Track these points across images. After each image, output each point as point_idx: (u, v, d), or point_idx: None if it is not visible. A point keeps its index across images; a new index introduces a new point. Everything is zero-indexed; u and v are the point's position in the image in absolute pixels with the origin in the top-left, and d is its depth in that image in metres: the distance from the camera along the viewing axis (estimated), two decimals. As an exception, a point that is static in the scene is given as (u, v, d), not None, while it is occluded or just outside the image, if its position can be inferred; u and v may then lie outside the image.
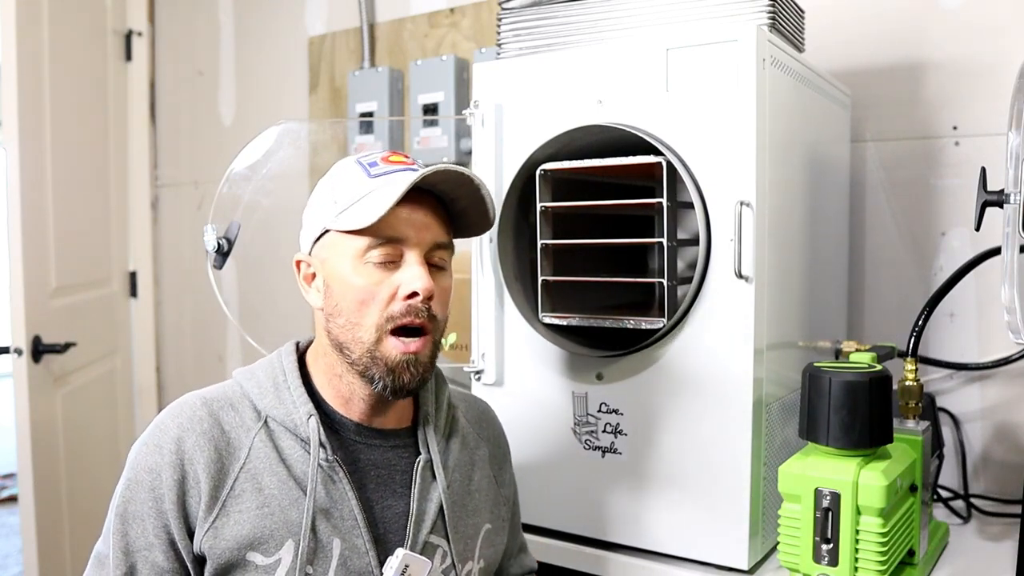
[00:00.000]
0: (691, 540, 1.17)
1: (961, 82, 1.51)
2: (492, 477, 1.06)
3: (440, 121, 2.03)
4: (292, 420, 0.91)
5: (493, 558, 1.04)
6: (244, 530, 0.85)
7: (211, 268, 1.42)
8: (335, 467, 0.90)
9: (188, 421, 0.88)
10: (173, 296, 2.79)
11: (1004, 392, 1.48)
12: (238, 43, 2.57)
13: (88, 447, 2.40)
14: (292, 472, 0.89)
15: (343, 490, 0.90)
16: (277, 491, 0.87)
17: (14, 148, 2.06)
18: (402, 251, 0.89)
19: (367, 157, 0.93)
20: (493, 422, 1.12)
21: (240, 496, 0.87)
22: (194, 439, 0.87)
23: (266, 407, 0.92)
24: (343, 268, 0.89)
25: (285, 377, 0.94)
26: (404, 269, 0.89)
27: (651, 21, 1.21)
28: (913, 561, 1.11)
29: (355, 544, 0.89)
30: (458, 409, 1.06)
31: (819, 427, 1.01)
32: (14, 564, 3.64)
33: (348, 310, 0.89)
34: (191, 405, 0.91)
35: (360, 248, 0.88)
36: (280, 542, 0.86)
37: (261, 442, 0.89)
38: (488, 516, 1.03)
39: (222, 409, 0.91)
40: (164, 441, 0.87)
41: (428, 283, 0.88)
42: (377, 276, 0.88)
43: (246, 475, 0.87)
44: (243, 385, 0.94)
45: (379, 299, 0.88)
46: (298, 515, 0.87)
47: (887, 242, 1.58)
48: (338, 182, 0.92)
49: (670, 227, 1.16)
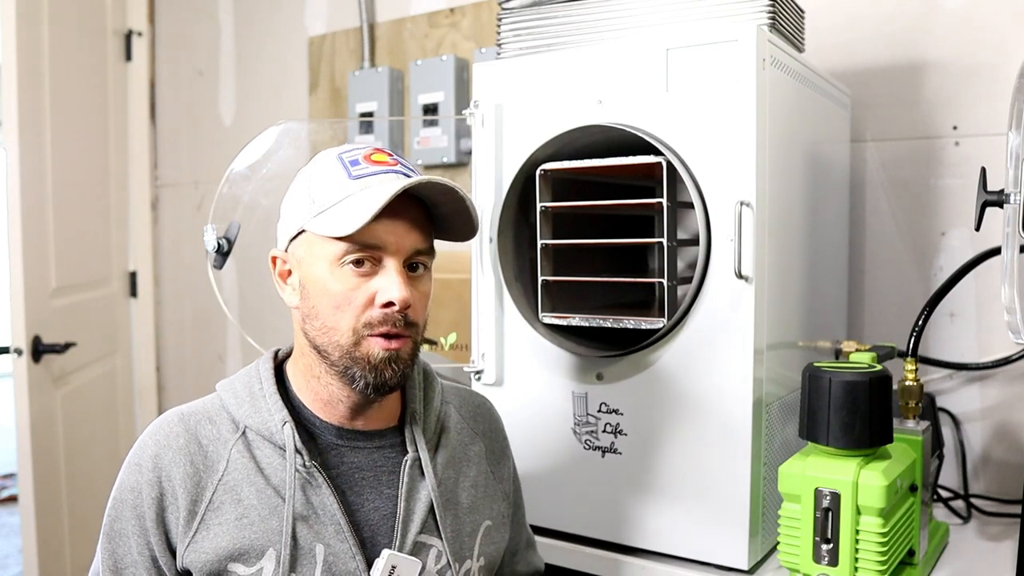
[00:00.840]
0: (691, 540, 1.17)
1: (961, 82, 1.51)
2: (489, 472, 1.05)
3: (440, 121, 2.03)
4: (268, 428, 0.90)
5: (495, 555, 1.03)
6: (223, 542, 0.85)
7: (211, 268, 1.42)
8: (313, 472, 0.89)
9: (165, 438, 0.89)
10: (173, 296, 2.79)
11: (1004, 392, 1.48)
12: (238, 43, 2.57)
13: (88, 447, 2.40)
14: (270, 481, 0.88)
15: (323, 495, 0.89)
16: (256, 501, 0.87)
17: (14, 148, 2.06)
18: (381, 256, 0.87)
19: (349, 153, 0.91)
20: (489, 416, 1.10)
21: (219, 509, 0.87)
22: (171, 456, 0.88)
23: (243, 417, 0.91)
24: (319, 271, 0.88)
25: (261, 386, 0.93)
26: (382, 276, 0.87)
27: (651, 21, 1.21)
28: (913, 561, 1.11)
29: (340, 549, 0.88)
30: (451, 405, 1.05)
31: (819, 427, 1.01)
32: (14, 564, 3.64)
33: (324, 314, 0.88)
34: (168, 422, 0.91)
35: (337, 253, 0.87)
36: (261, 552, 0.86)
37: (239, 453, 0.89)
38: (487, 513, 1.02)
39: (199, 423, 0.91)
40: (143, 459, 0.88)
41: (404, 293, 0.86)
42: (354, 282, 0.87)
43: (224, 487, 0.87)
44: (222, 397, 0.94)
45: (355, 304, 0.87)
46: (278, 523, 0.87)
47: (887, 242, 1.58)
48: (317, 179, 0.90)
49: (670, 227, 1.16)
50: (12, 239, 2.08)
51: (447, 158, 2.02)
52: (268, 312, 2.41)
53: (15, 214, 2.07)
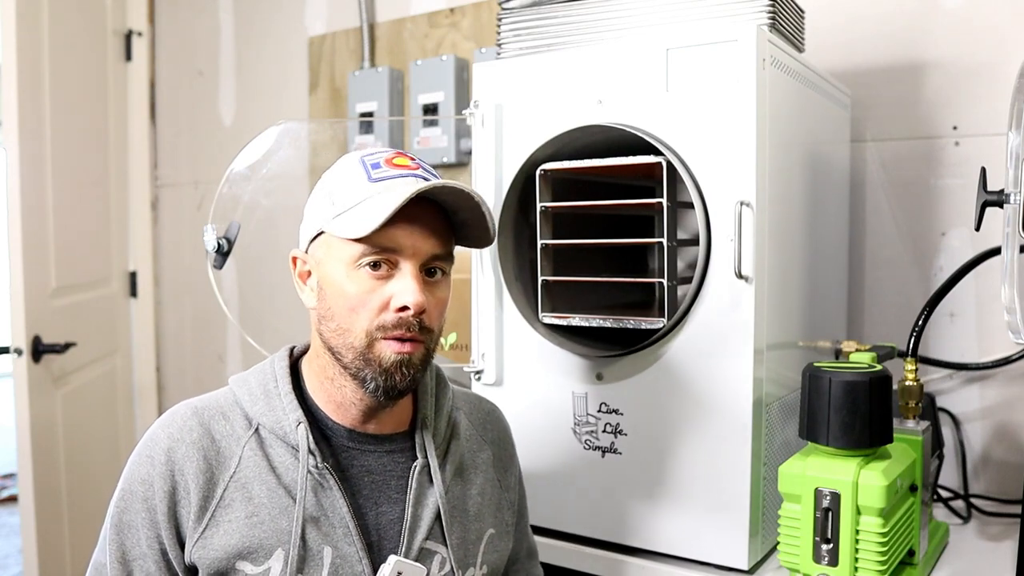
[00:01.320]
0: (691, 540, 1.17)
1: (961, 82, 1.51)
2: (496, 481, 1.05)
3: (440, 121, 2.03)
4: (282, 428, 0.90)
5: (497, 563, 1.03)
6: (233, 540, 0.85)
7: (211, 268, 1.42)
8: (325, 474, 0.89)
9: (178, 431, 0.88)
10: (173, 296, 2.79)
11: (1004, 392, 1.48)
12: (238, 43, 2.57)
13: (88, 447, 2.40)
14: (282, 480, 0.88)
15: (334, 498, 0.89)
16: (267, 500, 0.87)
17: (14, 148, 2.06)
18: (398, 260, 0.87)
19: (372, 157, 0.91)
20: (498, 424, 1.10)
21: (229, 506, 0.86)
22: (184, 449, 0.87)
23: (257, 414, 0.91)
24: (337, 273, 0.88)
25: (276, 384, 0.93)
26: (397, 280, 0.87)
27: (651, 21, 1.21)
28: (913, 561, 1.11)
29: (347, 552, 0.88)
30: (460, 411, 1.04)
31: (819, 427, 1.01)
32: (14, 564, 3.64)
33: (339, 315, 0.88)
34: (182, 415, 0.90)
35: (354, 255, 0.87)
36: (269, 551, 0.85)
37: (251, 451, 0.89)
38: (491, 521, 1.02)
39: (213, 418, 0.90)
40: (155, 452, 0.88)
41: (419, 298, 0.86)
42: (369, 284, 0.87)
43: (235, 484, 0.87)
44: (236, 392, 0.94)
45: (370, 307, 0.86)
46: (288, 524, 0.86)
47: (887, 242, 1.58)
48: (338, 181, 0.90)
49: (670, 227, 1.16)
50: (12, 239, 2.08)
51: (447, 158, 2.02)
52: (268, 312, 2.41)
53: (15, 214, 2.07)
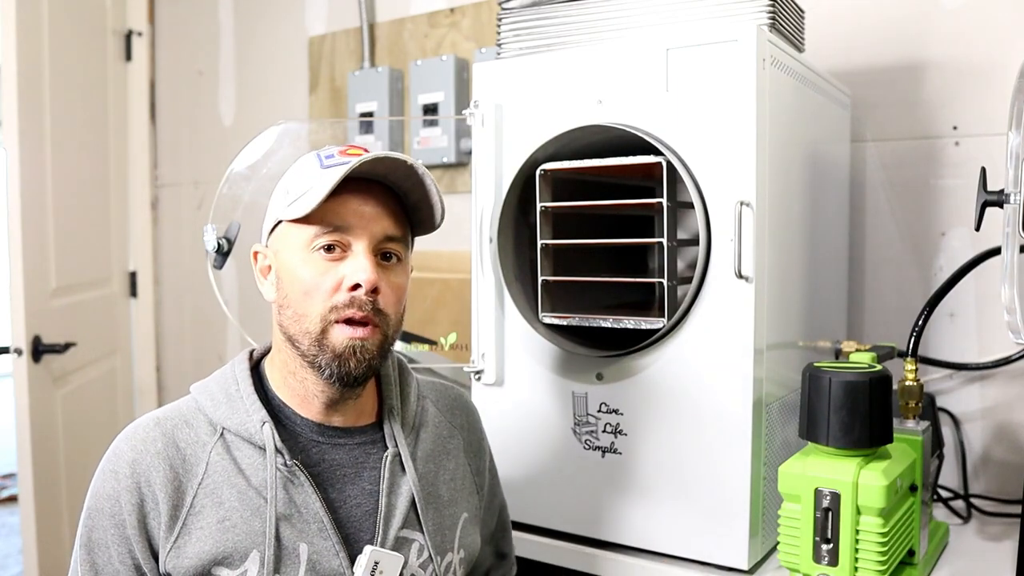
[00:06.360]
0: (691, 540, 1.17)
1: (961, 82, 1.51)
2: (467, 466, 1.05)
3: (440, 121, 2.03)
4: (247, 429, 0.89)
5: (473, 547, 1.04)
6: (206, 546, 0.85)
7: (211, 268, 1.42)
8: (295, 471, 0.88)
9: (141, 443, 0.88)
10: (173, 296, 2.79)
11: (1004, 392, 1.48)
12: (238, 43, 2.57)
13: (88, 447, 2.40)
14: (251, 482, 0.88)
15: (306, 494, 0.88)
16: (237, 503, 0.86)
17: (14, 148, 2.06)
18: (349, 241, 0.88)
19: (327, 150, 0.92)
20: (466, 409, 1.10)
21: (200, 513, 0.86)
22: (149, 460, 0.86)
23: (220, 419, 0.91)
24: (292, 259, 0.89)
25: (238, 386, 0.93)
26: (350, 260, 0.88)
27: (651, 21, 1.21)
28: (913, 561, 1.11)
29: (323, 547, 0.88)
30: (427, 399, 1.05)
31: (819, 427, 1.01)
32: (14, 564, 3.64)
33: (295, 301, 0.89)
34: (144, 427, 0.90)
35: (307, 238, 0.88)
36: (244, 554, 0.85)
37: (218, 455, 0.89)
38: (465, 505, 1.03)
39: (176, 427, 0.90)
40: (120, 466, 0.87)
41: (372, 275, 0.86)
42: (323, 267, 0.87)
43: (204, 491, 0.87)
44: (198, 399, 0.93)
45: (323, 289, 0.87)
46: (261, 525, 0.86)
47: (887, 242, 1.58)
48: (293, 173, 0.92)
49: (670, 227, 1.16)
50: (12, 239, 2.08)
51: (447, 158, 2.02)
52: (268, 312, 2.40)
53: (15, 214, 2.07)
